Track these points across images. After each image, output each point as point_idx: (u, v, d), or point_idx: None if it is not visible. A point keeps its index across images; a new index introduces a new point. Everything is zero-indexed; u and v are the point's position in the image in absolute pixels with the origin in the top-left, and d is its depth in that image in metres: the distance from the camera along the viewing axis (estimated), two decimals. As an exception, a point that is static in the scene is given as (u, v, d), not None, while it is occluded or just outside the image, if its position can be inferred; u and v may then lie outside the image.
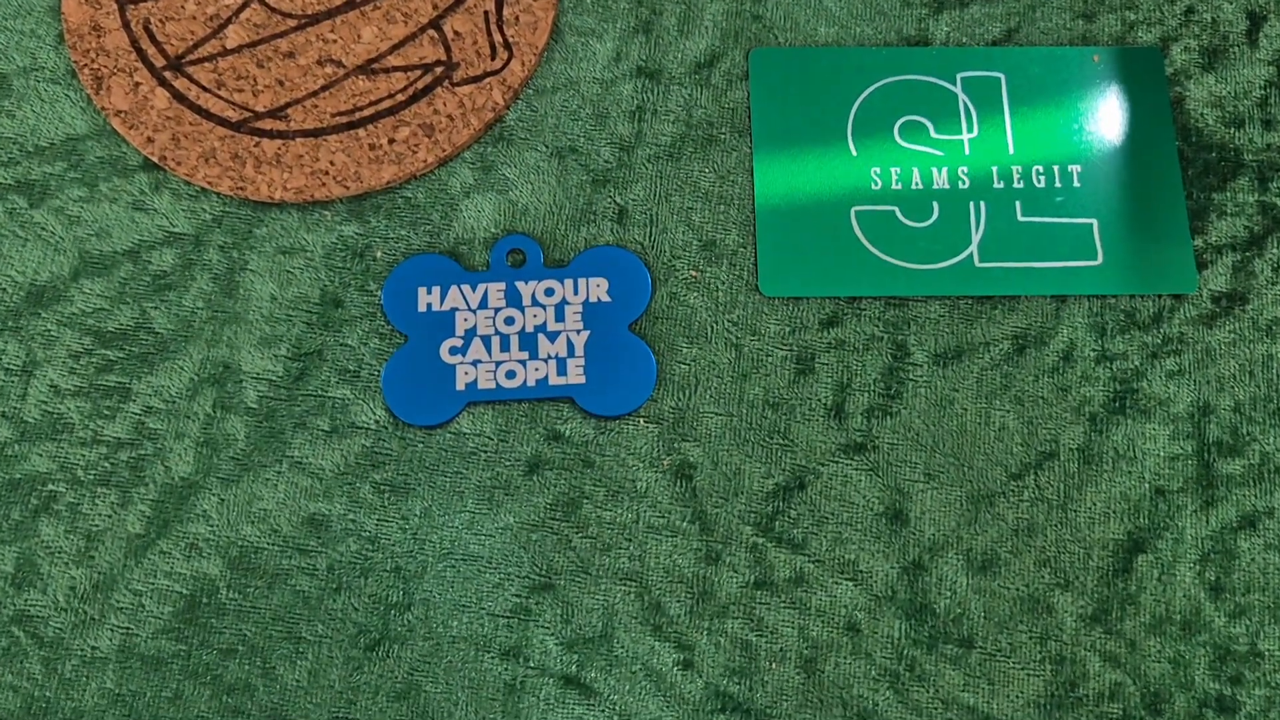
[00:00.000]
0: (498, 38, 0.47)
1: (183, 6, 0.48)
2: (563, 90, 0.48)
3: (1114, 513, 0.43)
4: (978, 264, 0.46)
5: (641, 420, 0.44)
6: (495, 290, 0.45)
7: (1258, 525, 0.43)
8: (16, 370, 0.44)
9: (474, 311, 0.44)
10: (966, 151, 0.47)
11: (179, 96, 0.46)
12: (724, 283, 0.45)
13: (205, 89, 0.46)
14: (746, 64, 0.48)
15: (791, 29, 0.49)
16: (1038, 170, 0.47)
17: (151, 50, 0.47)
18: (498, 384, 0.44)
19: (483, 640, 0.42)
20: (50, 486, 0.43)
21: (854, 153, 0.47)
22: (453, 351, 0.44)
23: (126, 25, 0.47)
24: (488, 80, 0.47)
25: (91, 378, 0.44)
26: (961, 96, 0.48)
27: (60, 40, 0.48)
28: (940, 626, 0.42)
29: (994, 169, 0.47)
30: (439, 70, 0.47)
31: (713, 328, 0.45)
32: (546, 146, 0.47)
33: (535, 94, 0.48)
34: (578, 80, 0.48)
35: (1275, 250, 0.46)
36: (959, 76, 0.48)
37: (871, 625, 0.42)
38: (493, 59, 0.47)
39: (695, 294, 0.45)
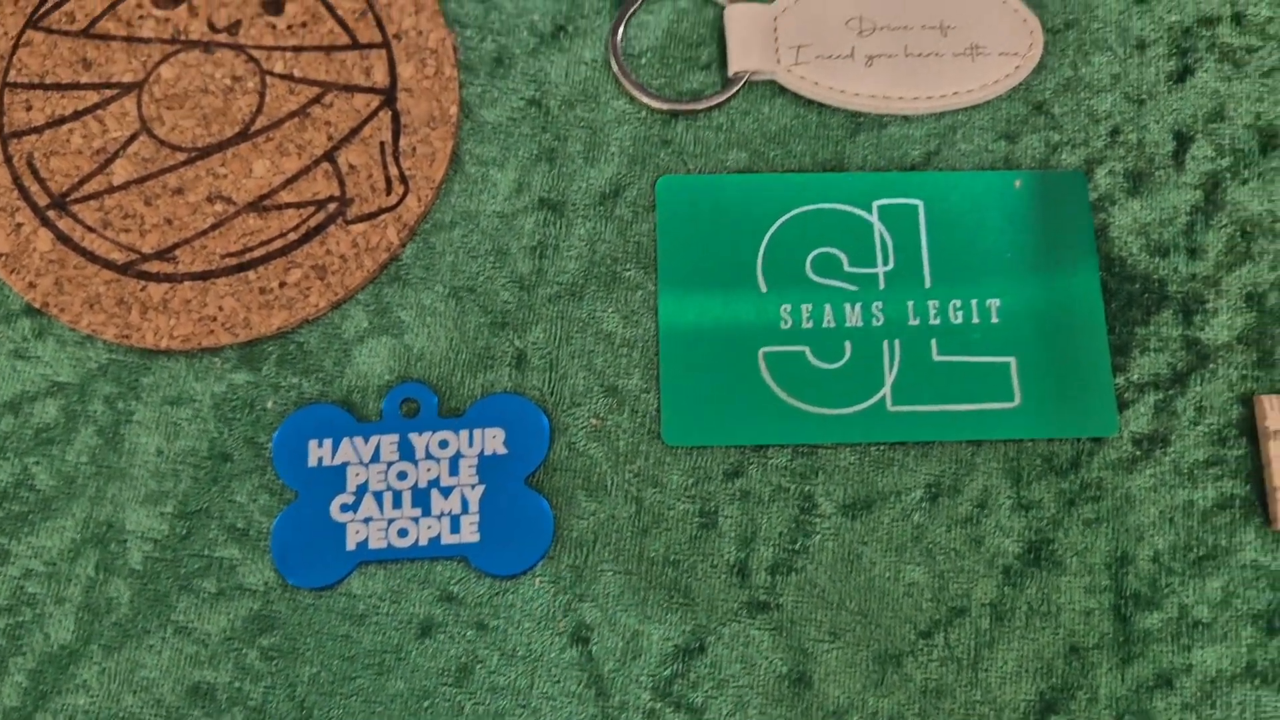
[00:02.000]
0: (393, 171, 0.46)
1: (68, 140, 0.46)
2: (461, 225, 0.46)
3: (1026, 671, 0.42)
4: (890, 408, 0.44)
5: (537, 580, 0.42)
6: (388, 443, 0.43)
7: (1174, 684, 0.42)
8: (-106, 531, 0.43)
9: (366, 466, 0.43)
10: (881, 285, 0.46)
11: (63, 238, 0.45)
12: (626, 431, 0.44)
13: (90, 229, 0.45)
14: (653, 193, 0.46)
15: (702, 154, 0.47)
16: (955, 305, 0.45)
17: (35, 188, 0.45)
18: (389, 543, 0.42)
19: (371, 815, 0.40)
20: (-74, 657, 0.42)
21: (763, 289, 0.45)
22: (344, 509, 0.43)
23: (9, 160, 0.46)
24: (383, 217, 0.45)
25: (-29, 539, 0.43)
26: (878, 226, 0.46)
27: (-59, 177, 0.46)
28: (844, 795, 0.41)
29: (910, 304, 0.45)
30: (333, 207, 0.45)
31: (613, 480, 0.43)
32: (444, 286, 0.45)
33: (432, 229, 0.46)
34: (477, 214, 0.46)
35: (1198, 388, 0.45)
36: (875, 204, 0.47)
37: (773, 795, 0.41)
38: (388, 194, 0.45)
39: (596, 444, 0.44)
